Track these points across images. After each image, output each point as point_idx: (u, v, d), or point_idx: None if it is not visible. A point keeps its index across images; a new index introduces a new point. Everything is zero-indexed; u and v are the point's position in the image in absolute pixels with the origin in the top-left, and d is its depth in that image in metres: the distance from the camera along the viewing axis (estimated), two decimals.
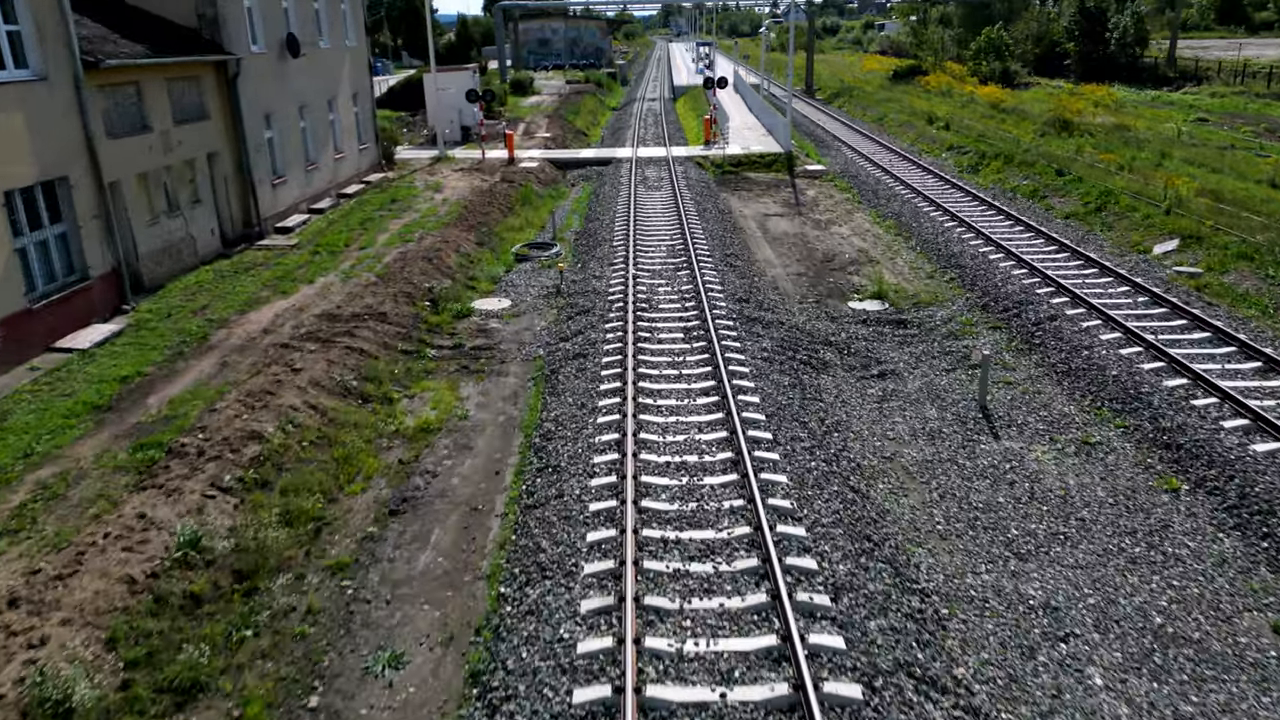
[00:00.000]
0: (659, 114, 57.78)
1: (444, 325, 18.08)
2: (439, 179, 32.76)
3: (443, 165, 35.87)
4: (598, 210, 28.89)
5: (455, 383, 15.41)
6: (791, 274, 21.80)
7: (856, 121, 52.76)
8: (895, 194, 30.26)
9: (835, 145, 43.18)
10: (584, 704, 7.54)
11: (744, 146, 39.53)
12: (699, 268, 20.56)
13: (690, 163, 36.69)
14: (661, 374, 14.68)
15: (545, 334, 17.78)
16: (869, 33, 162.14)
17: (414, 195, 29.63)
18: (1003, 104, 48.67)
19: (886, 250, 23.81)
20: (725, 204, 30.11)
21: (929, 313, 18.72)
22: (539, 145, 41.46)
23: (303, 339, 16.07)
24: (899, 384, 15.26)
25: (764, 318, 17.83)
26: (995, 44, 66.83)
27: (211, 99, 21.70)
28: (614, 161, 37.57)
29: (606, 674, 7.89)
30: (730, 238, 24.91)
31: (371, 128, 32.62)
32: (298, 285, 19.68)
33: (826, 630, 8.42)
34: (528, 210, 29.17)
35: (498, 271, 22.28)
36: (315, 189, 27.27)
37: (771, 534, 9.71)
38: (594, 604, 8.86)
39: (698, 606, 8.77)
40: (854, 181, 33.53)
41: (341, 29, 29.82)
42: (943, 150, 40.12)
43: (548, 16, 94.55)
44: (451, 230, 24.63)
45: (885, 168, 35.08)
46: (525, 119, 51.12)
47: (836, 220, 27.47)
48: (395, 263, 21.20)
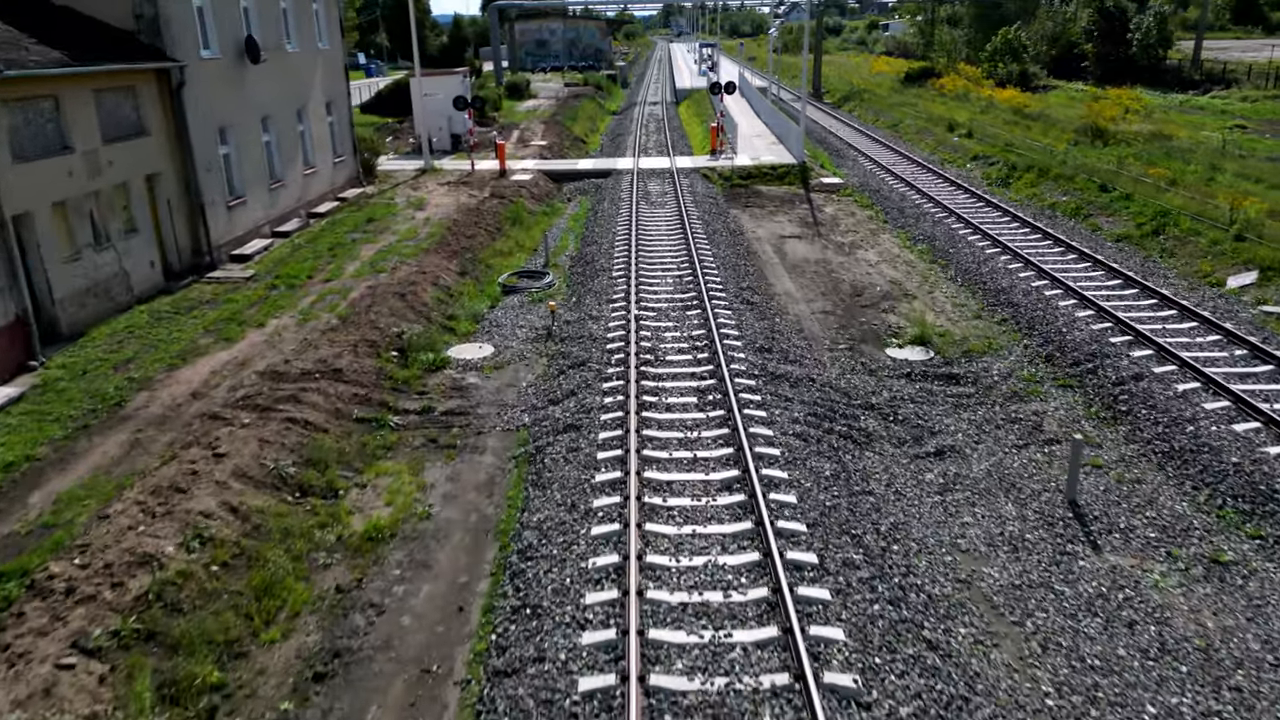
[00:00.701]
0: (661, 119, 54.99)
1: (413, 382, 15.30)
2: (423, 194, 29.98)
3: (428, 178, 33.08)
4: (596, 231, 26.11)
5: (419, 463, 12.63)
6: (817, 312, 19.02)
7: (870, 127, 49.97)
8: (923, 212, 27.47)
9: (850, 154, 40.38)
10: None
11: (753, 156, 36.75)
12: (711, 306, 17.79)
13: (696, 175, 33.91)
14: (672, 457, 11.90)
15: (532, 392, 15.00)
16: (873, 33, 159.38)
17: (393, 214, 26.84)
18: (1026, 109, 45.90)
19: (922, 282, 21.02)
20: (736, 223, 27.33)
21: (983, 364, 15.93)
22: (533, 155, 38.69)
23: (237, 406, 13.29)
24: (961, 465, 12.47)
25: (791, 374, 15.04)
26: (1012, 45, 64.01)
27: (152, 112, 18.93)
28: (614, 173, 34.79)
29: None
30: (744, 265, 22.12)
31: (348, 138, 29.86)
32: (245, 330, 16.90)
33: None
34: (518, 231, 26.39)
35: (481, 308, 19.50)
36: (281, 209, 24.50)
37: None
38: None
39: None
40: (876, 197, 30.74)
41: (313, 30, 27.06)
42: (967, 160, 37.33)
43: (545, 17, 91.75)
44: (431, 257, 21.85)
45: (908, 180, 32.30)
46: (520, 125, 48.35)
47: (861, 243, 24.68)
48: (362, 300, 18.42)
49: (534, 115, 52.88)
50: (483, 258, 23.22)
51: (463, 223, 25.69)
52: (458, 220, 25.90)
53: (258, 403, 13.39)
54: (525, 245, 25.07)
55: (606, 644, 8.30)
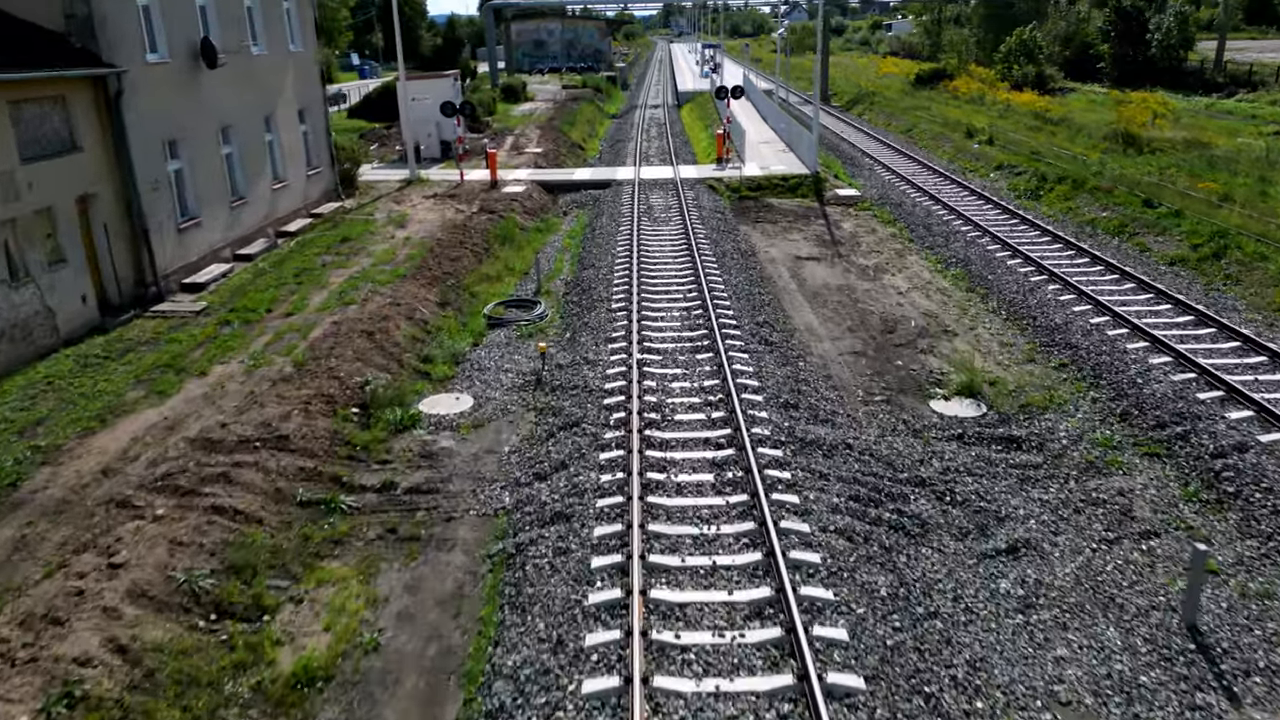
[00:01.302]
0: (663, 123, 52.63)
1: (375, 447, 12.92)
2: (405, 209, 27.61)
3: (413, 190, 30.71)
4: (593, 251, 23.73)
5: (372, 564, 10.26)
6: (845, 353, 16.62)
7: (882, 133, 47.59)
8: (952, 229, 25.08)
9: (865, 163, 37.99)
10: None
11: (762, 165, 34.38)
12: (725, 348, 15.41)
13: (701, 186, 31.53)
14: (685, 565, 9.53)
15: (516, 461, 12.63)
16: (877, 33, 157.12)
17: (371, 233, 24.47)
18: (1048, 114, 43.51)
19: (961, 315, 18.63)
20: (747, 241, 24.95)
21: (1047, 423, 13.55)
22: (528, 163, 36.32)
23: (154, 488, 10.93)
24: (1042, 568, 10.09)
25: (823, 439, 12.66)
26: (1027, 46, 61.63)
27: (85, 125, 16.56)
28: (613, 184, 32.41)
29: None
30: (759, 294, 19.75)
31: (325, 148, 27.48)
32: (183, 380, 14.52)
33: None
34: (508, 251, 24.00)
35: (462, 346, 17.13)
36: (244, 229, 22.12)
37: None
38: None
39: None
40: (897, 211, 28.35)
41: (283, 31, 24.69)
42: (990, 169, 34.96)
43: (543, 16, 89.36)
44: (408, 285, 19.48)
45: (931, 193, 29.92)
46: (515, 130, 45.99)
47: (887, 267, 22.29)
48: (324, 340, 16.04)
49: (530, 119, 50.53)
50: (467, 284, 20.84)
51: (447, 243, 23.31)
52: (441, 240, 23.52)
53: (180, 483, 11.01)
54: (515, 268, 22.69)
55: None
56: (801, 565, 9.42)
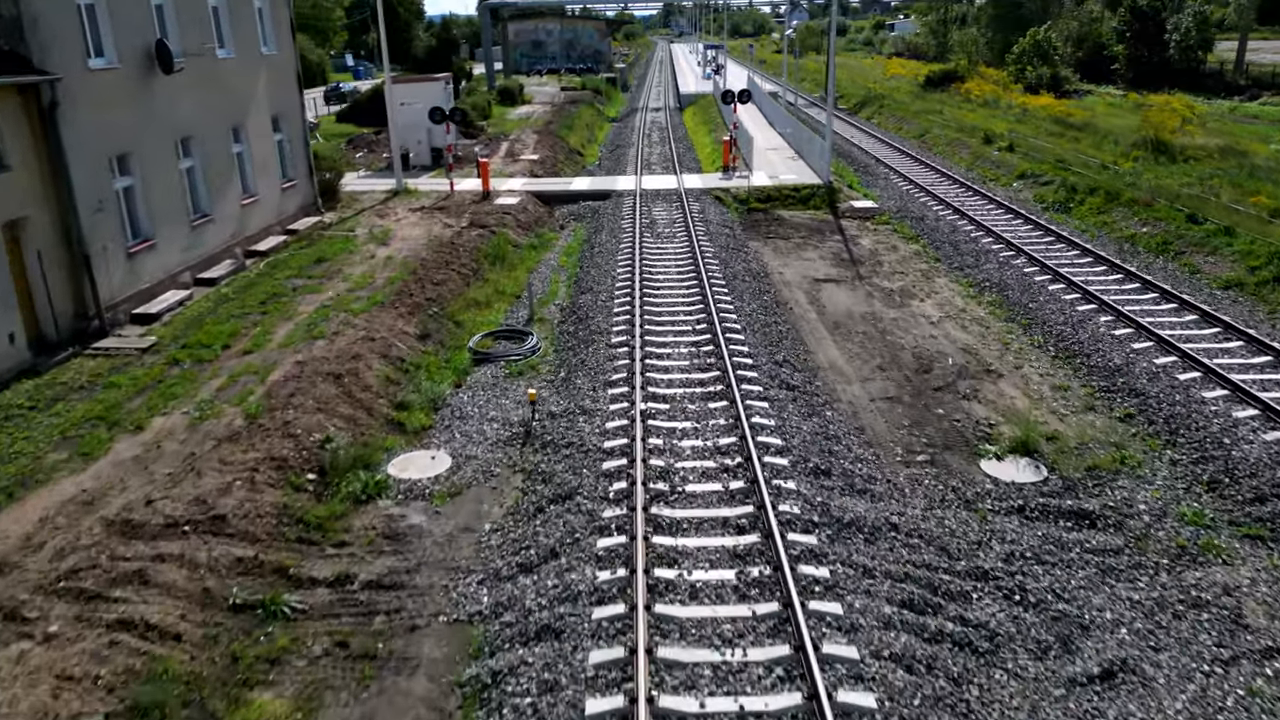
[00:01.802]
0: (665, 128, 50.64)
1: (331, 525, 10.93)
2: (389, 224, 25.62)
3: (400, 202, 28.73)
4: (592, 273, 21.73)
5: (313, 696, 8.26)
6: (878, 398, 14.63)
7: (895, 138, 45.61)
8: (982, 248, 23.08)
9: (879, 171, 35.98)
10: None
11: (771, 175, 32.39)
12: (741, 394, 13.43)
13: (707, 197, 29.55)
14: (705, 713, 7.54)
15: (497, 544, 10.64)
16: (880, 33, 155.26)
17: (350, 251, 22.48)
18: (1069, 119, 41.50)
19: (1003, 350, 16.63)
20: (758, 260, 22.96)
21: (1121, 491, 11.56)
22: (523, 171, 34.33)
23: (54, 590, 8.95)
24: (1149, 704, 8.09)
25: (863, 518, 10.66)
26: (1041, 47, 59.62)
27: (13, 140, 14.57)
28: (613, 195, 30.41)
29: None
30: (775, 324, 17.76)
31: (303, 159, 25.49)
32: (115, 437, 12.54)
33: None
34: (499, 272, 22.02)
35: (443, 388, 15.14)
36: (208, 249, 20.13)
37: None
38: None
39: None
40: (919, 226, 26.34)
41: (255, 32, 22.70)
42: (1013, 178, 32.98)
43: (541, 16, 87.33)
44: (385, 315, 17.49)
45: (953, 204, 27.93)
46: (511, 135, 44.02)
47: (914, 290, 20.31)
48: (284, 384, 14.06)
49: (527, 123, 48.56)
50: (452, 311, 18.86)
51: (432, 263, 21.33)
52: (426, 260, 21.53)
53: (85, 585, 9.04)
54: (506, 291, 20.69)
55: None
56: (853, 712, 7.43)
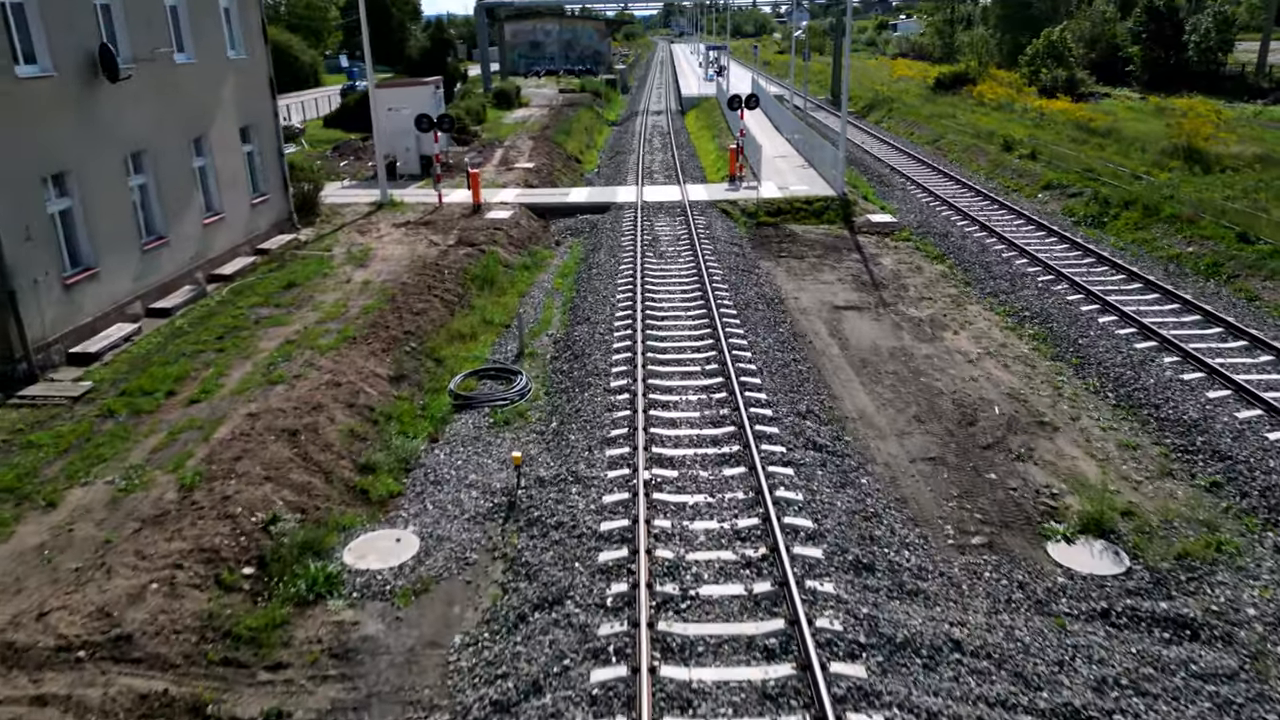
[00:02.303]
0: (666, 133, 48.68)
1: (267, 639, 8.95)
2: (370, 242, 23.66)
3: (383, 216, 26.76)
4: (589, 299, 19.78)
5: None
6: (918, 459, 12.66)
7: (907, 144, 43.65)
8: (1015, 269, 21.11)
9: (896, 181, 34.00)
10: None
11: (781, 185, 30.42)
12: (761, 459, 11.49)
13: (714, 210, 27.59)
14: None
15: (468, 669, 8.65)
16: (883, 33, 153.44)
17: (325, 274, 20.51)
18: (1091, 124, 39.50)
19: (1054, 395, 14.66)
20: (771, 283, 21.00)
21: (1224, 591, 9.58)
22: (517, 181, 32.38)
23: None
24: None
25: (919, 634, 8.68)
26: (1055, 48, 57.63)
27: None
28: (613, 208, 28.44)
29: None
30: (795, 364, 15.79)
31: (276, 171, 23.51)
32: (22, 516, 10.57)
33: None
34: (488, 298, 20.07)
35: (416, 444, 13.19)
36: (163, 275, 18.17)
37: None
38: None
39: None
40: (943, 243, 24.36)
41: (220, 35, 20.74)
42: (1038, 189, 31.02)
43: (539, 16, 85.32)
44: (355, 353, 15.53)
45: (977, 219, 25.96)
46: (505, 141, 42.06)
47: (946, 321, 18.34)
48: (230, 444, 12.10)
49: (523, 128, 46.61)
50: (433, 346, 16.90)
51: (414, 288, 19.37)
52: (407, 284, 19.58)
53: None
54: (495, 321, 18.72)
55: None
56: None
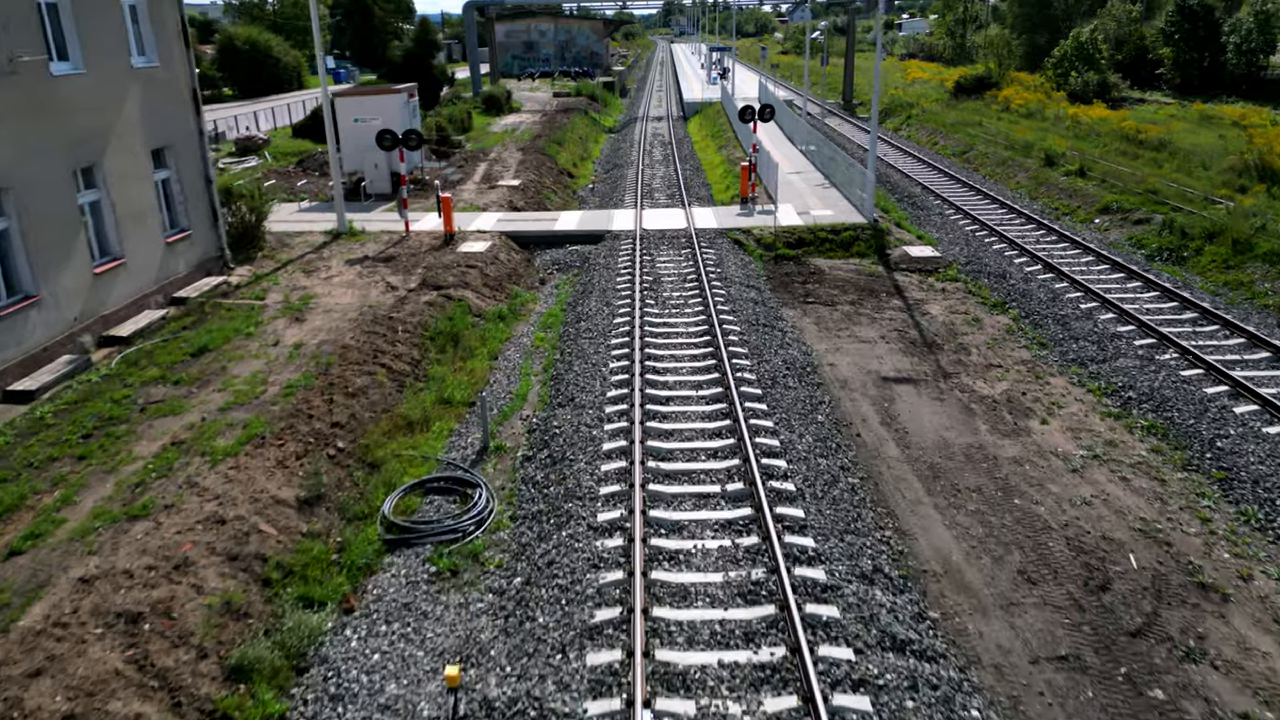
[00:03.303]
0: (668, 142, 44.77)
1: None
2: (315, 285, 19.75)
3: (339, 248, 22.85)
4: (575, 364, 15.88)
5: None
6: (1040, 660, 8.71)
7: (933, 155, 39.76)
8: (1100, 326, 17.19)
9: (927, 202, 30.08)
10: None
11: (801, 210, 26.51)
12: (819, 679, 7.62)
13: (724, 241, 23.70)
14: None
15: None
16: (889, 33, 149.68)
17: (248, 334, 16.57)
18: (1140, 136, 35.55)
19: (1203, 530, 10.73)
20: (800, 342, 17.11)
21: None
22: (500, 201, 28.48)
23: None
24: None
25: None
26: (1085, 50, 53.70)
27: None
28: (607, 237, 24.54)
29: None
30: (843, 474, 11.91)
31: (203, 201, 19.58)
32: None
33: None
34: (450, 364, 16.17)
35: (318, 621, 9.28)
36: (29, 345, 14.25)
37: None
38: None
39: None
40: (1000, 285, 20.42)
41: (121, 39, 16.82)
42: (1094, 213, 27.14)
43: (533, 16, 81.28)
44: (260, 462, 11.62)
45: (1034, 252, 22.06)
46: (491, 152, 38.16)
47: (1025, 398, 14.43)
48: (31, 646, 8.17)
49: (511, 137, 42.72)
50: (369, 442, 12.99)
51: (356, 354, 15.47)
52: (349, 349, 15.66)
53: None
54: (455, 399, 14.81)
55: None
56: None
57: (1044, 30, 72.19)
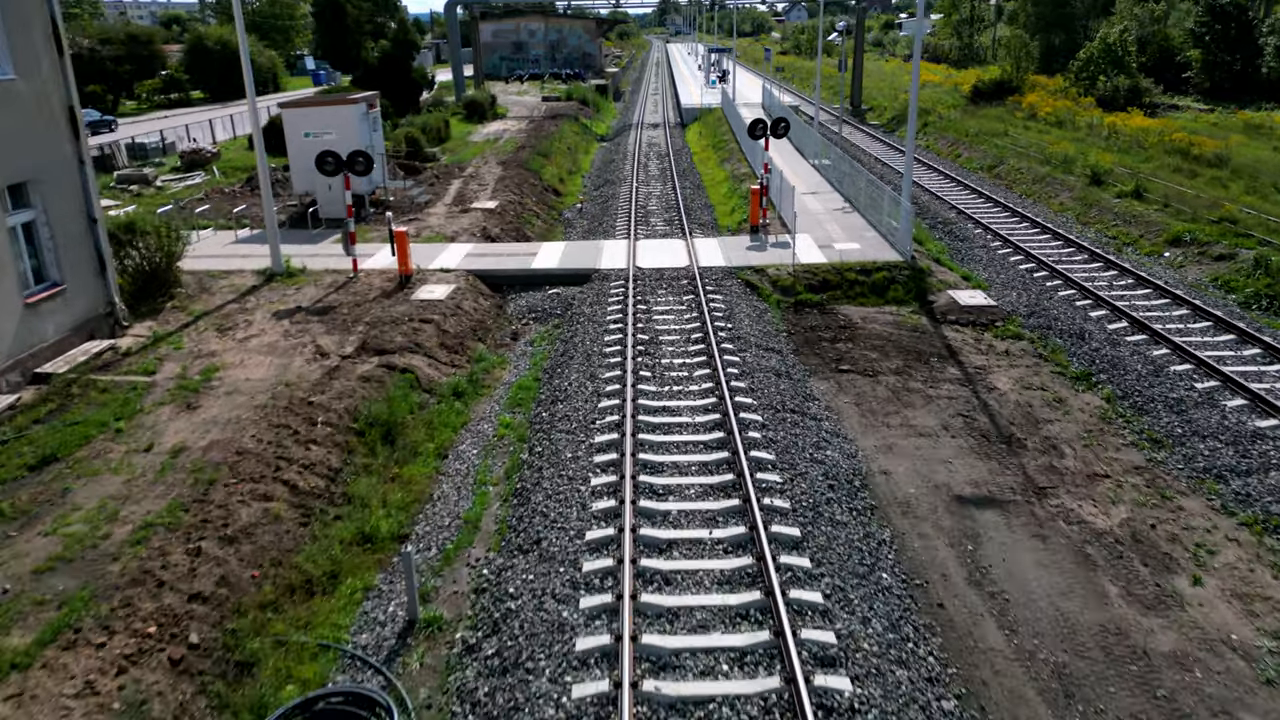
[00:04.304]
0: (665, 154, 40.85)
1: None
2: (227, 349, 15.79)
3: (269, 295, 18.91)
4: (546, 476, 11.95)
5: None
6: None
7: (957, 169, 35.90)
8: (1228, 417, 13.30)
9: (963, 228, 26.17)
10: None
11: (822, 239, 22.62)
12: None
13: (734, 283, 19.81)
14: None
15: None
16: (890, 33, 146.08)
17: (115, 434, 12.57)
18: (1194, 149, 31.64)
19: None
20: (839, 435, 13.21)
21: None
22: (472, 229, 24.55)
23: None
24: None
25: None
26: (1114, 52, 49.90)
27: None
28: (595, 277, 20.60)
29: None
30: (931, 677, 8.03)
31: (85, 246, 15.61)
32: None
33: None
34: (382, 471, 12.23)
35: None
36: None
37: None
38: None
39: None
40: (1077, 348, 16.50)
41: None
42: (1162, 244, 23.31)
43: (522, 15, 77.22)
44: (54, 687, 7.68)
45: (1109, 300, 18.22)
46: (469, 167, 34.21)
47: (1157, 535, 10.55)
48: None
49: (493, 148, 38.78)
50: (244, 624, 9.07)
51: (253, 463, 11.53)
52: (244, 455, 11.73)
53: None
54: (383, 532, 10.91)
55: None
56: None
57: (1060, 30, 68.56)
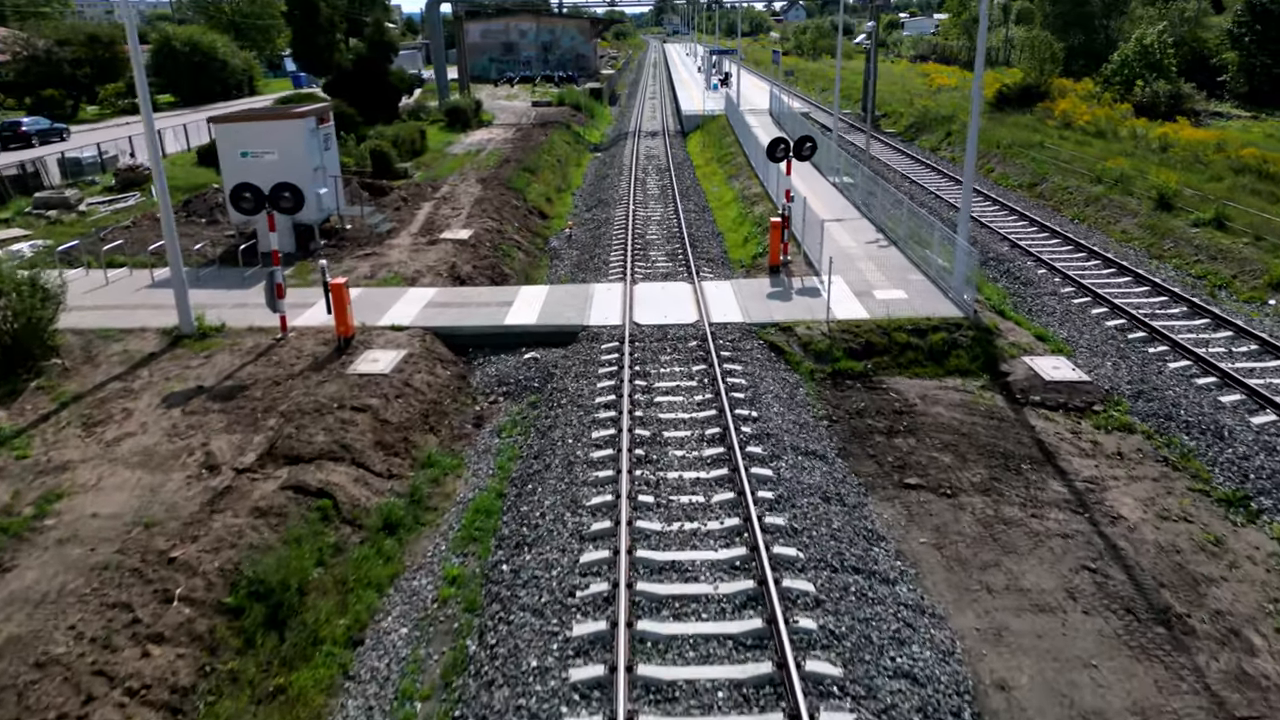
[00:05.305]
0: (665, 168, 36.85)
1: None
2: (81, 464, 11.77)
3: (165, 368, 14.88)
4: (499, 684, 8.00)
5: None
6: None
7: (993, 187, 31.97)
8: None
9: (1024, 267, 22.11)
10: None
11: (858, 283, 18.62)
12: None
13: (754, 342, 15.84)
14: None
15: None
16: (893, 33, 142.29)
17: None
18: (1273, 169, 27.67)
19: None
20: (920, 607, 9.26)
21: None
22: (439, 267, 20.55)
23: None
24: None
25: None
26: (1150, 54, 46.02)
27: None
28: (582, 336, 16.59)
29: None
30: None
31: None
32: None
33: None
34: (250, 690, 8.25)
35: None
36: None
37: None
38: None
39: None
40: (1218, 451, 12.56)
41: None
42: (1265, 288, 19.40)
43: (512, 14, 73.14)
44: None
45: (1247, 382, 14.29)
46: (445, 184, 30.21)
47: None
48: None
49: (473, 161, 34.78)
50: None
51: (58, 685, 7.61)
52: (46, 671, 7.79)
53: None
54: None
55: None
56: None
57: (1079, 30, 64.79)
